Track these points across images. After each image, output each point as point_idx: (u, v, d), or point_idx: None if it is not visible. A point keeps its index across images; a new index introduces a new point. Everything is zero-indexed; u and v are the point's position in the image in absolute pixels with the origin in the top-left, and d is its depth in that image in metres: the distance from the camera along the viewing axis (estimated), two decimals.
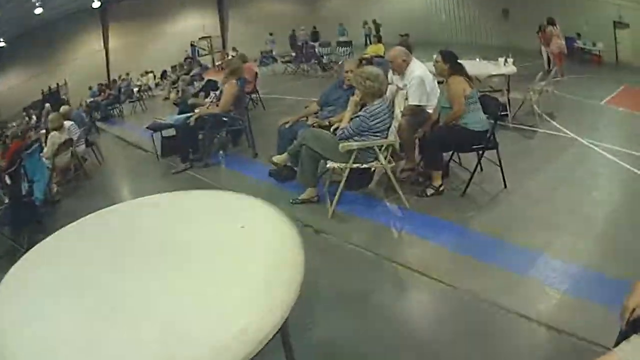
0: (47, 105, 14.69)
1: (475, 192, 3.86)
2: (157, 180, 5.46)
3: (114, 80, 15.35)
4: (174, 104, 7.30)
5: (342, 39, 19.51)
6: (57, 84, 18.55)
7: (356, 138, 3.50)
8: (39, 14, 14.87)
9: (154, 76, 18.78)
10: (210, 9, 22.96)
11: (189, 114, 5.48)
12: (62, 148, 5.72)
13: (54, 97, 17.77)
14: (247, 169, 5.09)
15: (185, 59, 21.86)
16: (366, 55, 10.14)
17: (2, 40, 16.51)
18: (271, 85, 11.68)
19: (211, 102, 5.50)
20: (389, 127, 3.53)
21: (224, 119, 5.18)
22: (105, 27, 20.43)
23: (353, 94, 3.74)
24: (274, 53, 18.89)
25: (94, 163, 6.83)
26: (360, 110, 3.60)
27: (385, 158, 3.54)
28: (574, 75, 10.04)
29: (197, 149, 5.40)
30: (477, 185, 3.94)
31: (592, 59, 13.03)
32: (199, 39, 22.17)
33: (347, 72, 4.30)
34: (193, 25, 22.36)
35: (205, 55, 21.75)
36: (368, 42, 19.29)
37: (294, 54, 14.64)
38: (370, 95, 3.52)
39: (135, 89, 15.22)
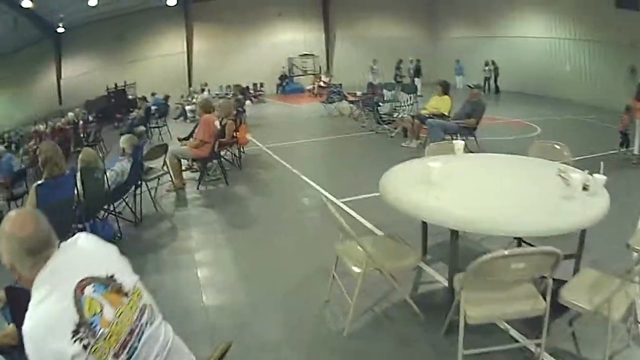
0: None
1: None
2: None
3: (143, 97, 13.61)
4: None
5: (458, 79, 16.49)
6: (125, 82, 17.36)
7: None
8: (94, 6, 14.69)
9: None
10: (315, 24, 20.75)
11: None
12: None
13: (119, 96, 16.84)
14: None
15: (281, 76, 20.09)
16: (424, 112, 7.38)
17: (61, 25, 16.32)
18: (305, 135, 9.11)
19: None
20: None
21: None
22: (188, 28, 18.86)
23: None
24: (375, 83, 15.89)
25: None
26: None
27: None
28: None
29: None
30: None
31: None
32: (299, 55, 20.34)
33: None
34: (294, 39, 20.36)
35: (299, 75, 20.00)
36: (487, 87, 16.01)
37: (359, 93, 11.02)
38: None
39: (189, 107, 13.18)
